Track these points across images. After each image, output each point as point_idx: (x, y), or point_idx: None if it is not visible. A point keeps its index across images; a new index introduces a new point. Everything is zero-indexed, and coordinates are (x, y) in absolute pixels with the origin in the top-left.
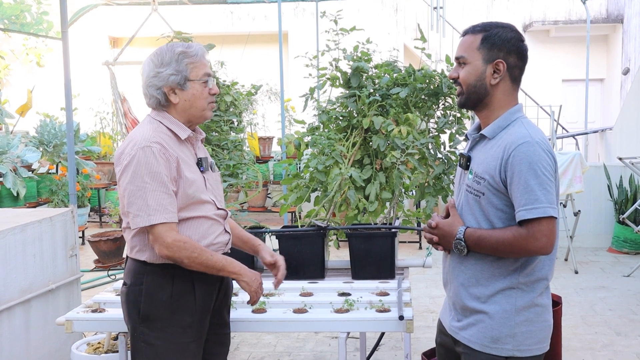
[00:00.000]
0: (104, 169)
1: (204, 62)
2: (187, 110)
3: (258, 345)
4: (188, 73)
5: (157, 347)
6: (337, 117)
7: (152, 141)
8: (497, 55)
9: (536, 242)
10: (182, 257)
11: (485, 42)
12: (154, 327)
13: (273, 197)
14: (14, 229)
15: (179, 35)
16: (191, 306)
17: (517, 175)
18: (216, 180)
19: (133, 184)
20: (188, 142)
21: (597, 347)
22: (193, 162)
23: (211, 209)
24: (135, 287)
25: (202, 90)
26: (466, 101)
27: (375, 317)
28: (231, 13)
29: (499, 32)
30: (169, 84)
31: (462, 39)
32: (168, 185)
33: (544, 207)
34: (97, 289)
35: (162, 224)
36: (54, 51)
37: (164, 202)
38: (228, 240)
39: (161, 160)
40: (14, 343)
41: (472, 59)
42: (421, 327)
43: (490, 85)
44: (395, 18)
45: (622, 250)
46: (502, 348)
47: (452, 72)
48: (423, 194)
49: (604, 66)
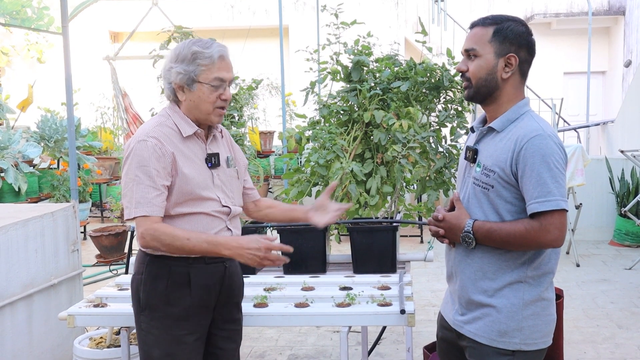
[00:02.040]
0: (105, 164)
1: (219, 65)
2: (192, 111)
3: (260, 339)
4: (197, 74)
5: (155, 337)
6: (338, 111)
7: (150, 135)
8: (509, 49)
9: (548, 234)
10: (156, 245)
11: (498, 35)
12: (152, 317)
13: (274, 192)
14: (16, 224)
15: (180, 30)
16: (186, 299)
17: (530, 167)
18: (230, 177)
19: (127, 176)
20: (198, 138)
21: (598, 340)
22: (199, 158)
23: (213, 205)
24: (137, 276)
25: (210, 94)
26: (475, 94)
27: (376, 311)
28: (232, 7)
29: (511, 26)
30: (177, 81)
31: (472, 31)
32: (156, 180)
33: (556, 200)
34: (99, 283)
35: (142, 216)
36: (54, 46)
37: (149, 196)
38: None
39: (154, 155)
40: (17, 338)
41: (483, 52)
42: (423, 321)
43: (502, 79)
44: (396, 11)
45: (624, 243)
46: (510, 342)
47: (461, 64)
48: (424, 187)
49: (605, 59)
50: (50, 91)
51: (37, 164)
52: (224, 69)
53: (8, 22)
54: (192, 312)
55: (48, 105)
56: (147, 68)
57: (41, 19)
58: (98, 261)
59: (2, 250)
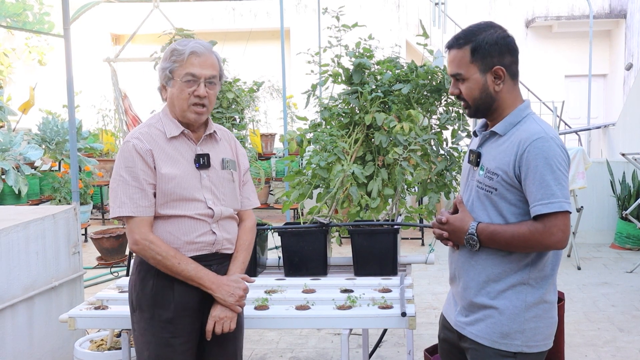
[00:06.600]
0: (107, 166)
1: (191, 61)
2: (171, 109)
3: (260, 342)
4: (172, 71)
5: (145, 338)
6: (339, 114)
7: (133, 136)
8: (492, 62)
9: (552, 236)
10: (147, 256)
11: (476, 54)
12: (141, 318)
13: (275, 194)
14: (17, 227)
15: (181, 32)
16: (169, 302)
17: (533, 170)
18: (222, 178)
19: (113, 176)
20: (188, 138)
21: (599, 344)
22: (186, 158)
23: (198, 207)
24: (132, 276)
25: (182, 90)
26: (476, 112)
27: (377, 314)
28: (233, 10)
29: (485, 38)
30: (161, 80)
31: (450, 54)
32: (141, 180)
33: (560, 202)
34: (99, 286)
35: (134, 217)
36: (55, 49)
37: (135, 196)
38: (214, 241)
39: (137, 155)
40: (18, 340)
41: (468, 74)
42: (424, 324)
43: (495, 92)
44: (397, 14)
45: (625, 247)
46: (511, 344)
47: (452, 89)
48: (425, 190)
49: (606, 62)
50: (51, 93)
51: (38, 166)
52: (197, 65)
53: (9, 25)
54: (176, 315)
55: (49, 108)
56: (148, 70)
57: (42, 23)
58: (99, 263)
59: (3, 253)
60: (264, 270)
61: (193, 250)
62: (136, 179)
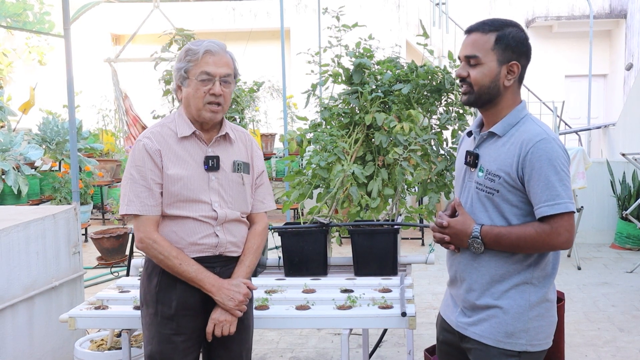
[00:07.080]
0: (107, 166)
1: (206, 59)
2: (187, 108)
3: (261, 342)
4: (187, 70)
5: (150, 332)
6: (340, 114)
7: (145, 135)
8: (512, 57)
9: (559, 237)
10: (150, 255)
11: (500, 43)
12: (147, 313)
13: (275, 194)
14: (17, 227)
15: (181, 32)
16: (171, 300)
17: (537, 171)
18: (232, 181)
19: (124, 174)
20: (199, 139)
21: (599, 344)
22: (195, 160)
23: (203, 209)
24: (142, 271)
25: (198, 89)
26: (476, 100)
27: (377, 314)
28: (233, 10)
29: (512, 32)
30: (176, 81)
31: (470, 36)
32: (149, 179)
33: (565, 203)
34: (100, 286)
35: (141, 216)
36: (55, 49)
37: (142, 195)
38: (217, 243)
39: (146, 154)
40: (18, 340)
41: (486, 59)
42: (424, 324)
43: (504, 86)
44: (398, 14)
45: (625, 247)
46: (516, 343)
47: (461, 70)
48: (425, 190)
49: (607, 62)
50: (51, 93)
51: (38, 166)
52: (212, 63)
53: (10, 24)
54: (177, 313)
55: (50, 108)
56: (149, 70)
57: (42, 23)
58: (99, 263)
59: (3, 253)
60: (264, 270)
61: (196, 252)
62: (144, 178)
